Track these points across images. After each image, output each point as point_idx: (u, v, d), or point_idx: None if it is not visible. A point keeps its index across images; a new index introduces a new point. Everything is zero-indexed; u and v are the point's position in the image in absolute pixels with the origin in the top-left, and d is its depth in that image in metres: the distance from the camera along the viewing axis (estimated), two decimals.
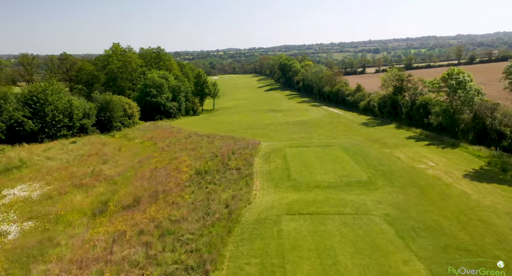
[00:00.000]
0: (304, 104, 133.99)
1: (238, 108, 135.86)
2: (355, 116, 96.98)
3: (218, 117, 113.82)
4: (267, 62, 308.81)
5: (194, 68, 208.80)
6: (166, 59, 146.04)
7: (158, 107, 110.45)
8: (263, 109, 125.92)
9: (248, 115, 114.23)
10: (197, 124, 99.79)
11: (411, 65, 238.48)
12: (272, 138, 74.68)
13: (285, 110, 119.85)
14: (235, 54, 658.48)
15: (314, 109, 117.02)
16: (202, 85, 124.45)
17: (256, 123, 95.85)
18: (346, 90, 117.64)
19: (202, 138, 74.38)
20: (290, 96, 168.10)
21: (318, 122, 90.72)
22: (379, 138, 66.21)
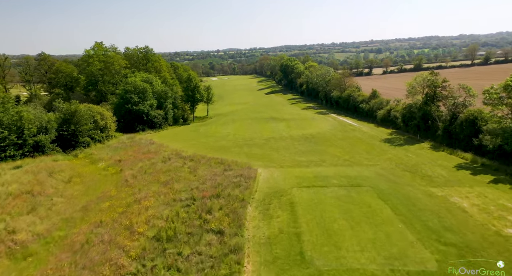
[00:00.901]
0: (310, 111, 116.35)
1: (235, 115, 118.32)
2: (373, 129, 79.34)
3: (210, 128, 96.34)
4: (267, 63, 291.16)
5: (189, 69, 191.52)
6: (155, 60, 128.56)
7: (140, 116, 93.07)
8: (263, 117, 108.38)
9: (245, 125, 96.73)
10: (183, 138, 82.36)
11: (421, 65, 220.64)
12: (273, 161, 57.35)
13: (288, 118, 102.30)
14: (235, 54, 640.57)
15: (322, 118, 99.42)
16: (193, 90, 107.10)
17: (253, 137, 78.38)
18: (358, 96, 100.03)
19: (184, 162, 56.96)
20: (293, 100, 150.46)
21: (329, 137, 73.19)
22: (417, 166, 48.69)
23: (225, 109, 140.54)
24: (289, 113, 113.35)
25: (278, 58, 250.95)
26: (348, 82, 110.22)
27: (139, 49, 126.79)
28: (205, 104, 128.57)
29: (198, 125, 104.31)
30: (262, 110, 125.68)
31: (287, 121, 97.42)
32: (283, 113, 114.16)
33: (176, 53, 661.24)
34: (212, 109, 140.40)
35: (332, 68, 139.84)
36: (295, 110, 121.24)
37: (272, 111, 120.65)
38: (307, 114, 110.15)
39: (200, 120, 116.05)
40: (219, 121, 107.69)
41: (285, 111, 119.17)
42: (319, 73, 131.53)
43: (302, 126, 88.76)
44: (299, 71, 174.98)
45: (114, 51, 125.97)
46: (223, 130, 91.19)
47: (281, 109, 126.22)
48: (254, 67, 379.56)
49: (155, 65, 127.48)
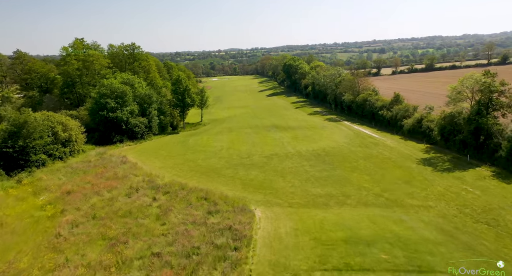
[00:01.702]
0: (318, 118, 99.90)
1: (232, 122, 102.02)
2: (401, 144, 62.84)
3: (202, 138, 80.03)
4: (269, 63, 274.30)
5: (185, 69, 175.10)
6: (143, 58, 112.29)
7: (118, 124, 76.86)
8: (264, 125, 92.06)
9: (243, 135, 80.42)
10: (166, 153, 66.13)
11: (433, 65, 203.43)
12: (278, 193, 41.44)
13: (294, 127, 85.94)
14: (236, 54, 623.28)
15: (333, 127, 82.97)
16: (182, 94, 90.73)
17: (252, 153, 62.17)
18: (377, 100, 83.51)
19: (155, 197, 40.85)
20: (297, 104, 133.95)
21: (347, 155, 56.86)
22: (494, 213, 32.36)
23: (222, 113, 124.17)
24: (294, 120, 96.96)
25: (280, 57, 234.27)
26: (363, 84, 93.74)
27: (124, 47, 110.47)
28: (199, 109, 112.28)
29: (188, 134, 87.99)
30: (263, 116, 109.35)
31: (292, 131, 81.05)
32: (288, 120, 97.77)
33: (177, 53, 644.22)
34: (208, 113, 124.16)
35: (342, 68, 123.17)
36: (301, 116, 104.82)
37: (275, 117, 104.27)
38: (315, 121, 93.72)
39: (192, 127, 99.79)
40: (213, 130, 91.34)
41: (289, 117, 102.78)
42: (328, 74, 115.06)
43: (312, 137, 72.37)
44: (304, 71, 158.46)
45: (96, 48, 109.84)
46: (216, 142, 74.89)
47: (285, 114, 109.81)
48: (256, 67, 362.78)
49: (142, 65, 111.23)
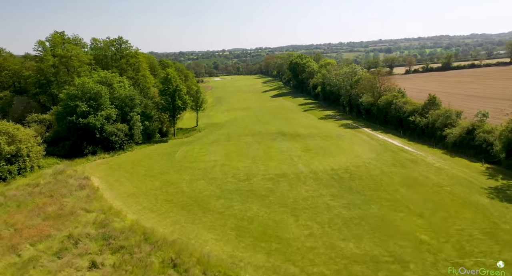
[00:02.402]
0: (331, 123, 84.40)
1: (231, 128, 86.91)
2: (448, 162, 47.07)
3: (193, 149, 64.96)
4: (274, 62, 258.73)
5: (183, 68, 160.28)
6: (131, 55, 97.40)
7: (91, 132, 62.11)
8: (268, 131, 76.89)
9: (242, 145, 65.26)
10: (144, 172, 51.09)
11: (450, 64, 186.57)
12: (288, 252, 27.17)
13: (304, 134, 70.69)
14: (240, 54, 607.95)
15: (352, 136, 67.49)
16: (172, 95, 75.48)
17: (252, 173, 47.06)
18: (404, 104, 67.94)
19: (98, 259, 25.83)
20: (305, 106, 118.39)
21: (381, 179, 41.45)
22: None
23: (221, 117, 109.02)
24: (303, 125, 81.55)
25: (286, 55, 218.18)
26: (385, 83, 78.09)
27: (110, 42, 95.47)
28: (194, 111, 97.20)
29: (178, 143, 72.85)
30: (268, 120, 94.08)
31: (302, 140, 65.75)
32: (296, 125, 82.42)
33: (180, 53, 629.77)
34: (205, 116, 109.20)
35: (359, 65, 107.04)
36: (311, 121, 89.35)
37: (281, 122, 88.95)
38: (328, 127, 78.22)
39: (184, 133, 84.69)
40: (209, 137, 76.19)
41: (297, 122, 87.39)
42: (341, 72, 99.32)
43: (327, 150, 56.99)
44: (312, 70, 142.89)
45: (78, 43, 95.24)
46: (209, 154, 59.78)
47: (292, 118, 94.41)
48: (260, 67, 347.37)
49: (131, 62, 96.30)
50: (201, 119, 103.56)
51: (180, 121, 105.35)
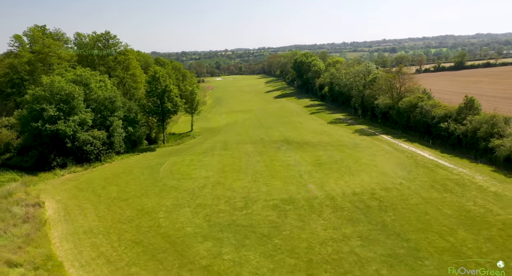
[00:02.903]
0: (343, 128, 73.38)
1: (230, 133, 76.17)
2: (507, 185, 35.89)
3: (182, 161, 54.19)
4: (277, 61, 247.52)
5: (180, 67, 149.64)
6: (120, 52, 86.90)
7: (61, 141, 51.65)
8: (272, 138, 66.19)
9: (241, 156, 54.47)
10: (116, 193, 40.44)
11: (463, 63, 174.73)
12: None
13: (313, 143, 59.88)
14: (243, 54, 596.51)
15: (371, 145, 56.46)
16: (161, 96, 64.60)
17: (252, 199, 36.31)
18: (433, 107, 56.85)
19: None
20: (311, 108, 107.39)
21: (425, 213, 30.50)
22: None
23: (219, 120, 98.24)
24: (312, 131, 70.65)
25: (290, 54, 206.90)
26: (407, 83, 67.00)
27: (96, 37, 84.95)
28: (189, 115, 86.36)
29: (167, 152, 62.11)
30: (271, 124, 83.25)
31: (312, 150, 54.90)
32: (303, 131, 71.58)
33: (183, 53, 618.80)
34: (202, 119, 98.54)
35: (372, 63, 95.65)
36: (319, 125, 78.40)
37: (285, 127, 78.12)
38: (340, 133, 67.26)
39: (177, 139, 74.01)
40: (203, 146, 65.44)
41: (304, 127, 76.50)
42: (352, 71, 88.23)
43: (344, 164, 46.11)
44: (318, 69, 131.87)
45: (59, 38, 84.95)
46: (200, 169, 49.06)
47: (298, 122, 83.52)
48: (262, 66, 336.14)
49: (119, 60, 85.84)
50: (198, 122, 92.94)
51: (174, 125, 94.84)
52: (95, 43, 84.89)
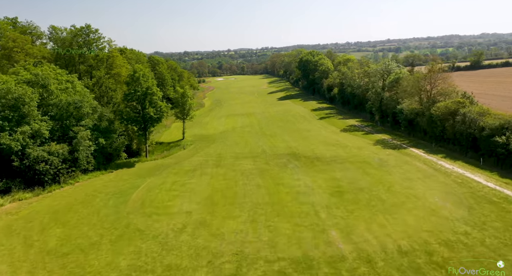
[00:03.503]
0: (360, 138, 60.93)
1: (226, 143, 64.02)
2: None
3: (162, 184, 42.05)
4: (280, 60, 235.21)
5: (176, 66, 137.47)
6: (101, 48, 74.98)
7: (5, 159, 39.73)
8: (276, 151, 54.13)
9: (237, 177, 42.36)
10: (55, 243, 28.25)
11: (480, 62, 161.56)
12: None
13: (327, 158, 47.71)
14: (246, 54, 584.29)
15: (401, 162, 44.00)
16: (142, 100, 52.18)
17: (247, 256, 24.09)
18: (481, 115, 44.33)
19: None
20: (320, 112, 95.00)
21: None
22: None
23: (216, 125, 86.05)
24: (323, 142, 58.39)
25: (294, 53, 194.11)
26: (440, 84, 54.49)
27: (75, 31, 72.88)
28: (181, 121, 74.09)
29: (147, 169, 49.96)
30: (275, 131, 71.10)
31: (327, 169, 42.73)
32: (313, 141, 59.34)
33: (185, 53, 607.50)
34: (197, 124, 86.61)
35: (394, 61, 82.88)
36: (332, 134, 66.08)
37: (292, 135, 65.95)
38: (359, 145, 54.84)
39: (164, 150, 61.95)
40: (192, 160, 53.24)
41: (315, 136, 64.24)
42: (369, 71, 75.75)
43: (374, 193, 33.84)
44: (326, 68, 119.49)
45: (32, 31, 73.24)
46: (182, 196, 36.97)
47: (306, 129, 71.29)
48: (265, 66, 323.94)
49: (100, 58, 73.91)
50: (192, 128, 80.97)
51: (165, 132, 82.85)
52: (73, 38, 72.97)
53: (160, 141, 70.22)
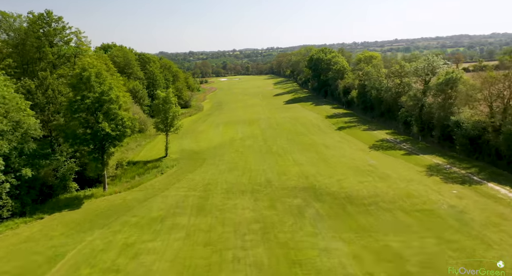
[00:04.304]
0: (402, 161, 43.40)
1: (218, 166, 47.00)
2: None
3: (103, 249, 25.34)
4: (287, 59, 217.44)
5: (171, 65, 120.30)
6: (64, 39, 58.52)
7: None
8: (285, 184, 37.07)
9: (225, 242, 25.32)
10: None
11: None
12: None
13: (365, 199, 30.60)
14: (251, 54, 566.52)
15: (493, 213, 26.70)
16: (94, 111, 35.50)
17: None
18: None
19: None
20: (337, 119, 77.56)
21: None
22: None
23: (211, 137, 68.98)
24: (352, 168, 41.13)
25: (303, 51, 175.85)
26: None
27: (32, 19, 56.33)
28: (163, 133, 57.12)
29: (95, 214, 33.16)
30: (283, 147, 54.01)
31: (373, 227, 25.47)
32: (336, 165, 42.17)
33: (190, 53, 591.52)
34: (190, 133, 69.99)
35: (440, 56, 65.18)
36: (360, 152, 48.69)
37: (306, 154, 48.78)
38: (406, 175, 37.41)
39: (135, 175, 45.23)
40: (162, 201, 36.21)
41: (336, 156, 46.95)
42: (407, 69, 58.18)
43: None
44: (341, 68, 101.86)
45: None
46: None
47: (324, 144, 54.01)
48: (271, 66, 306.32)
49: (63, 53, 57.51)
50: (181, 139, 64.44)
51: (148, 144, 66.23)
52: (30, 28, 56.55)
53: (134, 160, 53.49)
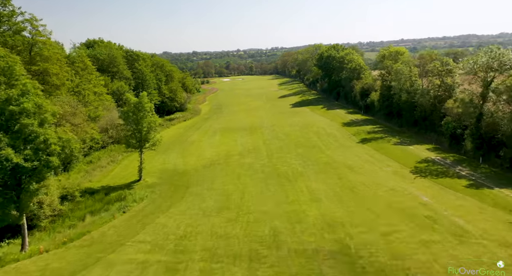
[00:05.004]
0: (474, 201, 29.07)
1: (204, 201, 32.96)
2: None
3: None
4: (293, 58, 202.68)
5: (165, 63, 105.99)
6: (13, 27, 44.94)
7: None
8: (302, 244, 22.50)
9: None
10: None
11: None
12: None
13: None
14: (255, 54, 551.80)
15: None
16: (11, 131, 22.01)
17: None
18: None
19: None
20: (357, 128, 63.21)
21: None
22: None
23: (202, 151, 54.90)
24: (401, 212, 26.84)
25: (311, 49, 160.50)
26: None
27: None
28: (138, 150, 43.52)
29: None
30: (294, 170, 39.85)
31: None
32: (375, 205, 27.83)
33: (194, 53, 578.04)
34: (179, 144, 56.21)
35: (509, 49, 51.60)
36: (402, 182, 34.44)
37: (329, 183, 34.55)
38: (495, 234, 23.27)
39: (85, 214, 31.57)
40: (106, 271, 22.28)
41: (368, 184, 32.74)
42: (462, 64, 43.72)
43: None
44: (357, 66, 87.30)
45: None
46: None
47: (346, 164, 39.79)
48: (275, 66, 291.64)
49: (11, 45, 43.98)
50: (165, 153, 50.58)
51: (124, 160, 52.34)
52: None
53: (96, 187, 39.59)
